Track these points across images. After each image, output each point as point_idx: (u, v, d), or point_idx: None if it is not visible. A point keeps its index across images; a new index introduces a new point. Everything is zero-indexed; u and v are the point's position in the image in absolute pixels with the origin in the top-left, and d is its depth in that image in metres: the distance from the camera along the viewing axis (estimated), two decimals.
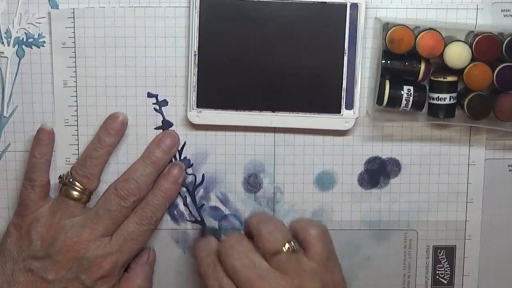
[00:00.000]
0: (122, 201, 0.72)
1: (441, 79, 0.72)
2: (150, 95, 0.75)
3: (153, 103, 0.75)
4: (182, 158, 0.76)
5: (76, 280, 0.71)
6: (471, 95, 0.72)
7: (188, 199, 0.77)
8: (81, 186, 0.72)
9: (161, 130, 0.75)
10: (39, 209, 0.73)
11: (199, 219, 0.77)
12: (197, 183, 0.76)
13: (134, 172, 0.73)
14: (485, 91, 0.72)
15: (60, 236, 0.71)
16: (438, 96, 0.72)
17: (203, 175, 0.76)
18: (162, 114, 0.75)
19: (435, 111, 0.73)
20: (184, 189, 0.76)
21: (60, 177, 0.74)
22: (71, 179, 0.73)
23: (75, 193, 0.72)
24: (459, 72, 0.72)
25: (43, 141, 0.73)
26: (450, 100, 0.72)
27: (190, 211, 0.77)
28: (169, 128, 0.75)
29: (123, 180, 0.73)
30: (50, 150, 0.74)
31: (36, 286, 0.71)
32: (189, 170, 0.76)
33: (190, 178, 0.76)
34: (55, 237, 0.71)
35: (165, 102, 0.75)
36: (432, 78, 0.73)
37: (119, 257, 0.72)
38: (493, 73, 0.71)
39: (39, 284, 0.71)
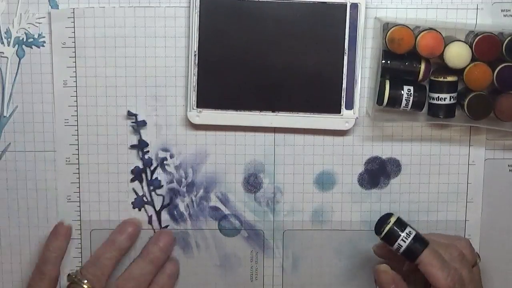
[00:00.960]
0: None
1: (441, 79, 0.72)
2: (130, 113, 0.75)
3: (132, 122, 0.75)
4: (153, 178, 0.76)
5: None
6: (471, 95, 0.72)
7: (154, 220, 0.77)
8: (89, 285, 0.72)
9: (136, 149, 0.75)
10: None
11: None
12: (165, 204, 0.76)
13: (134, 271, 0.74)
14: (485, 91, 0.72)
15: None
16: (438, 96, 0.72)
17: (163, 198, 0.77)
18: (140, 134, 0.75)
19: (435, 111, 0.73)
20: (151, 208, 0.77)
21: (69, 274, 0.73)
22: (80, 277, 0.72)
23: None
24: (459, 72, 0.72)
25: (60, 236, 0.75)
26: (450, 100, 0.72)
27: (154, 232, 0.77)
28: (144, 148, 0.75)
29: (124, 279, 0.73)
30: (65, 245, 0.75)
31: None
32: (158, 191, 0.76)
33: (159, 199, 0.77)
34: None
35: (143, 123, 0.75)
36: (432, 78, 0.73)
37: None
38: (493, 73, 0.71)
39: None
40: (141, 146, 0.75)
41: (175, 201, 0.77)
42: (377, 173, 0.76)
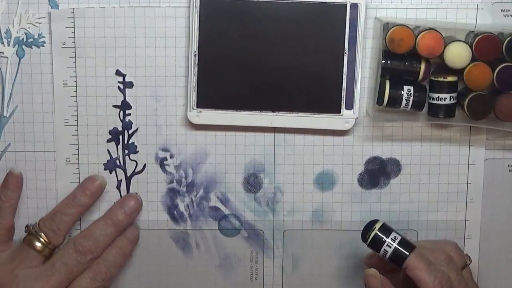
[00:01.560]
0: (79, 257, 0.72)
1: (441, 79, 0.72)
2: (118, 73, 0.74)
3: (119, 82, 0.75)
4: (130, 142, 0.75)
5: None
6: (471, 95, 0.72)
7: (123, 185, 0.77)
8: (46, 239, 0.72)
9: (118, 109, 0.75)
10: None
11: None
12: (136, 171, 0.76)
13: (95, 230, 0.73)
14: (485, 91, 0.72)
15: (11, 286, 0.70)
16: (438, 96, 0.72)
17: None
18: (124, 95, 0.75)
19: (435, 111, 0.73)
20: (122, 172, 0.76)
21: (27, 226, 0.73)
22: (37, 230, 0.72)
23: (38, 245, 0.72)
24: (459, 72, 0.72)
25: (11, 185, 0.74)
26: (450, 100, 0.72)
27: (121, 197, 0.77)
28: (126, 111, 0.75)
29: (83, 237, 0.73)
30: (17, 195, 0.74)
31: None
32: (133, 156, 0.76)
33: (132, 165, 0.76)
34: (6, 287, 0.71)
35: (130, 84, 0.74)
36: (432, 78, 0.73)
37: None
38: (493, 73, 0.71)
39: None
40: (123, 106, 0.75)
41: (175, 201, 0.77)
42: (377, 173, 0.76)
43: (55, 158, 0.76)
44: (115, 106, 0.75)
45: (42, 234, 0.72)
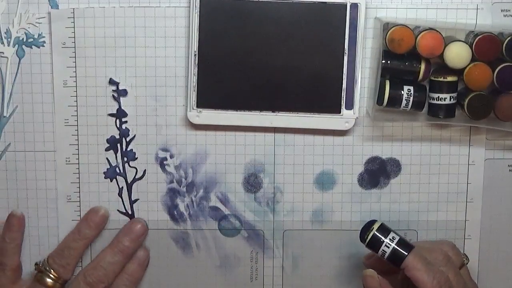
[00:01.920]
0: None
1: (441, 79, 0.72)
2: (112, 81, 0.74)
3: (113, 90, 0.75)
4: (128, 149, 0.75)
5: None
6: (471, 95, 0.72)
7: (125, 192, 0.77)
8: (56, 275, 0.73)
9: (114, 118, 0.75)
10: None
11: (130, 212, 0.77)
12: (137, 177, 0.76)
13: (103, 260, 0.74)
14: (485, 91, 0.72)
15: None
16: (438, 96, 0.72)
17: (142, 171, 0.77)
18: (119, 103, 0.75)
19: (435, 111, 0.73)
20: (123, 179, 0.76)
21: (36, 264, 0.75)
22: (47, 267, 0.74)
23: (49, 281, 0.73)
24: (459, 72, 0.72)
25: (13, 226, 0.75)
26: (450, 100, 0.72)
27: (123, 204, 0.77)
28: (122, 118, 0.75)
29: (92, 268, 0.74)
30: (20, 235, 0.75)
31: None
32: (132, 163, 0.76)
33: (132, 171, 0.76)
34: None
35: (124, 92, 0.74)
36: (432, 78, 0.73)
37: None
38: (493, 73, 0.71)
39: None
40: (119, 115, 0.75)
41: (175, 201, 0.77)
42: (377, 173, 0.76)
43: (55, 158, 0.76)
44: (110, 115, 0.75)
45: (52, 270, 0.73)
